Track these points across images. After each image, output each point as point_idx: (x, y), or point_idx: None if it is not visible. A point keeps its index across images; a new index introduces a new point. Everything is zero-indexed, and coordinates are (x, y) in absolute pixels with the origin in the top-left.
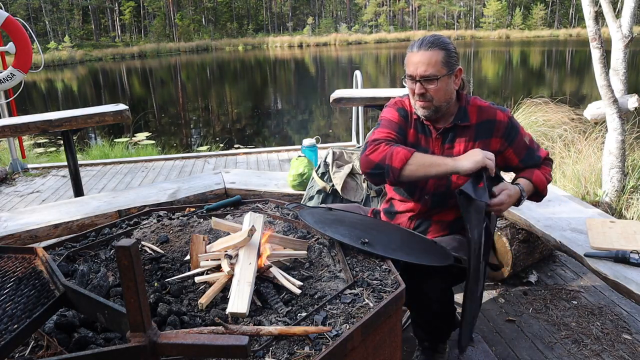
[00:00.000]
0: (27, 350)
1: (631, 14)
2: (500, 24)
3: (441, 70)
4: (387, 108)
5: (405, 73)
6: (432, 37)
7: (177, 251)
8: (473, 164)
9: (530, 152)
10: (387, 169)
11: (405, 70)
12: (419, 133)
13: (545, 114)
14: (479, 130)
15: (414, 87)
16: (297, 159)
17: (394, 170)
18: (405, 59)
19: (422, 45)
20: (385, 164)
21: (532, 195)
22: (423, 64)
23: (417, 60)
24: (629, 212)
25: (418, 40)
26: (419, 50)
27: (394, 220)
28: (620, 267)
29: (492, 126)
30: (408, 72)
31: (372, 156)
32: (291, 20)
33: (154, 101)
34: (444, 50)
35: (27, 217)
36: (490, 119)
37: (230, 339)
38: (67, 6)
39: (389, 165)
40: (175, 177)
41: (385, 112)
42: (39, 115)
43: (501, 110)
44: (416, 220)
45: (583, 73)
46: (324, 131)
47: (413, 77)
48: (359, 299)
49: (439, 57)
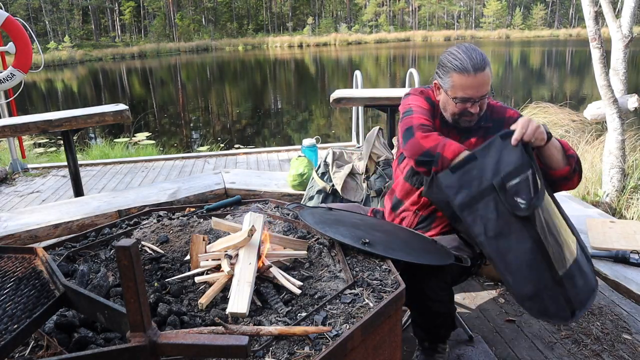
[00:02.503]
0: (27, 350)
1: (631, 14)
2: (500, 24)
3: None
4: (412, 96)
5: (457, 96)
6: (480, 56)
7: (177, 251)
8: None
9: None
10: (437, 157)
11: (447, 89)
12: (443, 126)
13: (547, 115)
14: (490, 128)
15: (466, 106)
16: (297, 159)
17: (445, 160)
18: (455, 81)
19: (477, 68)
20: (436, 152)
21: (561, 158)
22: (483, 85)
23: (478, 84)
24: (629, 212)
25: (466, 61)
26: (476, 73)
27: (400, 214)
28: (620, 267)
29: (502, 123)
30: (465, 95)
31: (423, 141)
32: (291, 20)
33: (154, 101)
34: (489, 64)
35: (27, 217)
36: (501, 117)
37: (230, 339)
38: (67, 6)
39: (439, 154)
40: (175, 177)
41: (413, 99)
42: (39, 115)
43: (512, 109)
44: (421, 214)
45: (583, 73)
46: (324, 131)
47: (470, 99)
48: (359, 299)
49: (490, 74)
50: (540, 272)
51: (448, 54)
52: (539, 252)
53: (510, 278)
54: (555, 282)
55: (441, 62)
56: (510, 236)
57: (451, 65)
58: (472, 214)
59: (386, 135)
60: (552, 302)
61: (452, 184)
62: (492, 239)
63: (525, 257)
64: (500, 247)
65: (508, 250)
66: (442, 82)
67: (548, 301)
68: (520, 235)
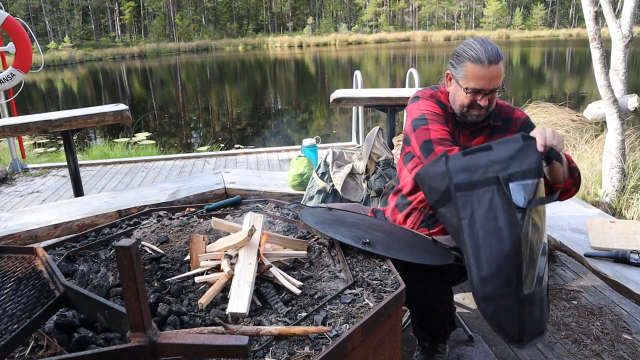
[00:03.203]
0: (27, 350)
1: (631, 14)
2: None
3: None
4: (423, 100)
5: (468, 86)
6: (496, 49)
7: (177, 251)
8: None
9: None
10: None
11: (460, 79)
12: (455, 128)
13: (546, 114)
14: (499, 127)
15: (476, 98)
16: (297, 159)
17: None
18: (468, 70)
19: (491, 60)
20: None
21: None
22: (495, 78)
23: (491, 76)
24: (629, 212)
25: (482, 52)
26: (489, 65)
27: (405, 211)
28: (620, 267)
29: (509, 123)
30: (476, 86)
31: None
32: (291, 20)
33: (154, 101)
34: (503, 59)
35: (27, 217)
36: (509, 117)
37: (230, 339)
38: (67, 6)
39: None
40: (175, 177)
41: (424, 105)
42: (39, 115)
43: (519, 110)
44: (427, 212)
45: (583, 73)
46: (324, 131)
47: (481, 91)
48: (359, 299)
49: (503, 68)
50: (508, 279)
51: (464, 44)
52: (514, 258)
53: (475, 271)
54: (517, 297)
55: (456, 52)
56: (493, 232)
57: (466, 55)
58: (465, 197)
59: (386, 135)
60: (506, 314)
61: (458, 165)
62: (474, 227)
63: (500, 257)
64: (479, 238)
65: (485, 244)
66: (455, 72)
67: (503, 311)
68: (503, 235)
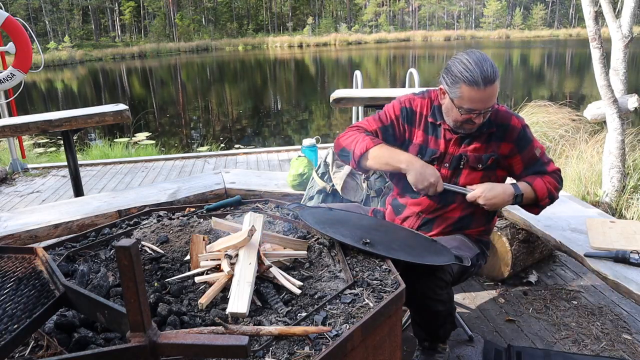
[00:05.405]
0: (27, 350)
1: (631, 14)
2: (500, 24)
3: None
4: (392, 103)
5: (463, 106)
6: (491, 68)
7: (177, 251)
8: (416, 181)
9: (538, 164)
10: (350, 154)
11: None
12: (429, 135)
13: (546, 114)
14: (494, 133)
15: (471, 116)
16: (297, 159)
17: (355, 156)
18: (463, 92)
19: (487, 82)
20: (350, 150)
21: (532, 205)
22: (491, 97)
23: (487, 97)
24: (629, 212)
25: (477, 74)
26: (485, 87)
27: (402, 214)
28: (620, 267)
29: (505, 130)
30: (471, 107)
31: (341, 139)
32: (291, 20)
33: (154, 101)
34: (499, 76)
35: (27, 217)
36: (505, 123)
37: (230, 339)
38: (67, 6)
39: (351, 152)
40: (175, 177)
41: (387, 107)
42: (39, 115)
43: (516, 116)
44: (424, 216)
45: (583, 73)
46: (324, 131)
47: (475, 111)
48: (359, 299)
49: (498, 85)
50: None
51: (459, 62)
52: None
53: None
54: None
55: (450, 69)
56: None
57: (461, 76)
58: None
59: None
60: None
61: None
62: None
63: None
64: None
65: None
66: (450, 90)
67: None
68: None
